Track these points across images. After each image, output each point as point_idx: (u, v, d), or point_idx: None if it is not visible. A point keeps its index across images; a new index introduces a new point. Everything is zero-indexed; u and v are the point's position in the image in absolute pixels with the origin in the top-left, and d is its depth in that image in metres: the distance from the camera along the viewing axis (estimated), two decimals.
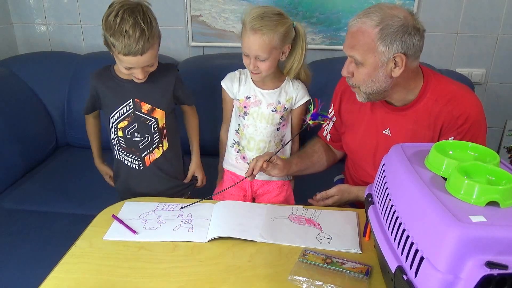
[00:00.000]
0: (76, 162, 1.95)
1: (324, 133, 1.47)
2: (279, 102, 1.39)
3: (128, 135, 1.37)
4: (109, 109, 1.37)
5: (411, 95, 1.18)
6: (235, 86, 1.42)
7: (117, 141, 1.40)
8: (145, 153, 1.39)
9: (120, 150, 1.41)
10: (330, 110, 1.41)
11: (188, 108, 1.51)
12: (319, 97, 1.30)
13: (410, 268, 0.68)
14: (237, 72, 1.44)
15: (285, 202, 1.51)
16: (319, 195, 1.29)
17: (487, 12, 1.97)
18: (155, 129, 1.38)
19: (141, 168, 1.41)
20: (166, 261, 0.96)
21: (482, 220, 0.63)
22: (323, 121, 1.27)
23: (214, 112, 1.93)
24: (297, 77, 1.42)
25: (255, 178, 1.36)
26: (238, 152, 1.49)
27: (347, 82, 1.20)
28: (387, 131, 1.23)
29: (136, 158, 1.40)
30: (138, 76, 1.27)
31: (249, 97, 1.40)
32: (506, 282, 0.60)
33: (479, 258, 0.60)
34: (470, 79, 1.99)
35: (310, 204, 1.30)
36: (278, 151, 1.39)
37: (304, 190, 1.55)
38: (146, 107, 1.35)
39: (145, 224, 1.09)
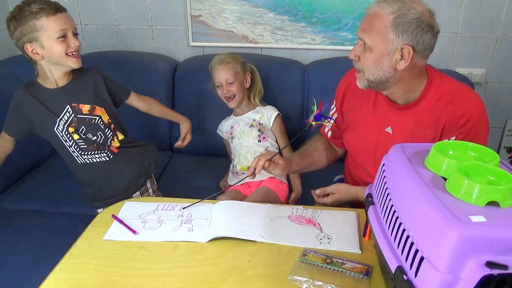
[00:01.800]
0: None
1: (326, 130, 1.47)
2: (254, 120, 1.76)
3: (83, 136, 1.38)
4: (48, 124, 1.35)
5: (414, 94, 1.18)
6: (225, 125, 1.84)
7: (76, 146, 1.39)
8: (108, 144, 1.43)
9: (83, 153, 1.40)
10: (332, 107, 1.41)
11: (133, 97, 1.53)
12: (318, 97, 1.31)
13: (410, 268, 0.68)
14: (223, 121, 1.86)
15: (278, 192, 1.59)
16: (317, 191, 1.29)
17: (487, 12, 1.97)
18: (103, 126, 1.40)
19: (112, 156, 1.44)
20: (166, 261, 0.96)
21: (482, 220, 0.63)
22: (325, 122, 1.28)
23: (214, 111, 1.94)
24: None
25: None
26: (233, 173, 1.72)
27: (353, 64, 1.19)
28: (389, 129, 1.23)
29: (103, 151, 1.43)
30: (74, 41, 1.27)
31: (233, 126, 1.78)
32: (506, 282, 0.60)
33: (479, 258, 0.60)
34: (470, 79, 1.99)
35: (310, 204, 1.30)
36: (280, 151, 1.44)
37: (304, 190, 1.56)
38: (85, 107, 1.37)
39: (145, 224, 1.09)
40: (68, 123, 1.35)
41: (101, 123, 1.39)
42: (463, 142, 0.83)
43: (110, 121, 1.41)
